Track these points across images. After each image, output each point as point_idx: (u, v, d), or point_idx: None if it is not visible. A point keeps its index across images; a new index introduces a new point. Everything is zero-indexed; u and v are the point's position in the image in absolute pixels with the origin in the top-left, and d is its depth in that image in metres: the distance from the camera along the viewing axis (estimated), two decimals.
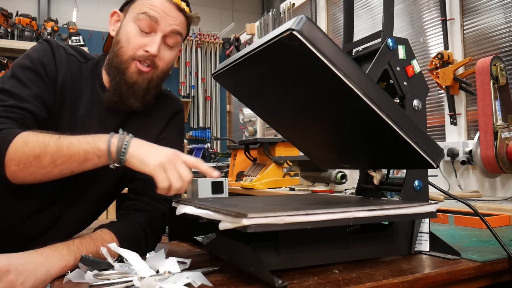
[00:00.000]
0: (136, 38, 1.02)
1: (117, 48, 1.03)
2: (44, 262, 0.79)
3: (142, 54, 1.02)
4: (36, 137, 0.85)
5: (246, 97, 1.06)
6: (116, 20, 1.10)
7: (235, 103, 6.02)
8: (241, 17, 8.91)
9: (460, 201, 0.97)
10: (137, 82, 1.03)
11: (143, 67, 1.03)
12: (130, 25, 1.03)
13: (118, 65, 1.03)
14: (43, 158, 0.83)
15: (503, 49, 2.15)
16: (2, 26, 4.51)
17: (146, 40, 1.02)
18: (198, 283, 0.69)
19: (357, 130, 0.88)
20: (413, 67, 0.90)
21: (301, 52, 0.70)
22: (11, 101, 0.93)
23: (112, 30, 1.09)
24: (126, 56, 1.02)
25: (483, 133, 1.62)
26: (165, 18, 1.02)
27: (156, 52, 1.01)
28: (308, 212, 0.69)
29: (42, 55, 1.01)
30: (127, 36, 1.03)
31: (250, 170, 3.10)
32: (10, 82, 0.96)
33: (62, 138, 0.85)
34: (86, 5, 8.31)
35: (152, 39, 1.02)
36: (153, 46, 1.01)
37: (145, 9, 1.01)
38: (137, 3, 1.04)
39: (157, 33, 1.02)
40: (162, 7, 1.02)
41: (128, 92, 1.03)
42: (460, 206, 1.44)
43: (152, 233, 1.01)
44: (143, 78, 1.03)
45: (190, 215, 0.80)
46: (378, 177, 0.98)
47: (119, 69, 1.03)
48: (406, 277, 0.73)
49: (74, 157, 0.84)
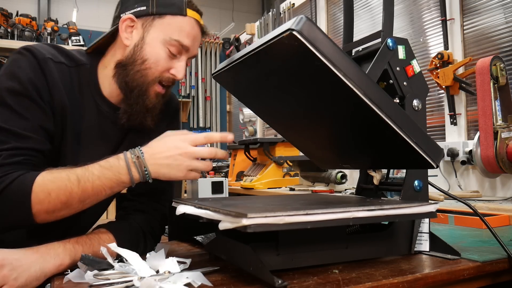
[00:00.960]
0: (165, 61, 0.98)
1: (144, 67, 0.97)
2: (38, 260, 0.79)
3: (168, 77, 1.00)
4: (56, 183, 0.83)
5: (246, 97, 1.07)
6: (129, 26, 0.99)
7: (235, 103, 6.01)
8: (241, 17, 8.90)
9: (460, 201, 0.97)
10: (155, 105, 1.01)
11: (162, 90, 1.01)
12: (159, 47, 0.97)
13: (141, 86, 0.98)
14: (71, 204, 0.85)
15: (503, 49, 2.15)
16: (2, 26, 4.51)
17: (173, 63, 0.99)
18: (198, 283, 0.69)
19: (357, 130, 0.88)
20: (413, 67, 0.90)
21: (301, 52, 0.70)
22: (12, 143, 0.86)
23: (126, 39, 0.99)
24: (152, 77, 0.98)
25: (483, 133, 1.62)
26: (194, 44, 1.01)
27: (183, 77, 1.00)
28: (308, 212, 0.69)
29: (32, 75, 0.90)
30: (156, 58, 0.97)
31: (250, 170, 3.10)
32: (2, 113, 0.87)
33: (83, 180, 0.84)
34: (86, 5, 8.31)
35: (179, 63, 1.00)
36: (181, 73, 1.00)
37: (178, 36, 0.97)
38: (167, 22, 0.97)
39: (183, 57, 1.01)
40: (193, 33, 1.00)
41: (146, 115, 1.01)
42: (460, 206, 1.44)
43: (151, 233, 1.01)
44: (159, 100, 1.02)
45: (190, 215, 0.80)
46: (378, 177, 0.98)
47: (140, 91, 0.98)
48: (406, 277, 0.73)
49: (100, 194, 0.86)
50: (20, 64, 0.91)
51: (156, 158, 0.87)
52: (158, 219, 1.04)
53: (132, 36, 0.99)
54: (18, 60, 0.93)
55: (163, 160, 0.87)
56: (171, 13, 0.97)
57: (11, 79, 0.90)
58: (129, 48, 0.99)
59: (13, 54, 0.95)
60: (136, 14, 0.99)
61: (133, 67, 0.98)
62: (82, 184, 0.84)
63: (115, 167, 0.86)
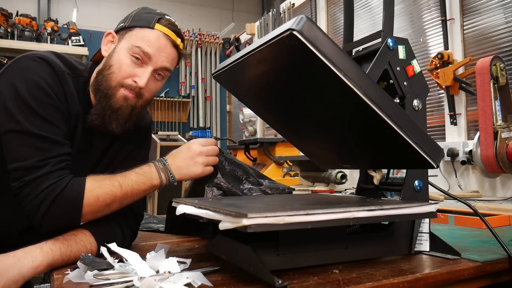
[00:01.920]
0: (127, 67, 1.03)
1: (108, 72, 1.04)
2: (16, 264, 0.81)
3: (130, 84, 1.03)
4: (103, 188, 0.94)
5: (246, 97, 1.07)
6: (110, 41, 1.09)
7: (235, 103, 6.02)
8: (241, 17, 8.91)
9: (460, 201, 0.97)
10: (121, 108, 1.04)
11: (129, 94, 1.04)
12: (123, 53, 1.03)
13: (106, 89, 1.03)
14: (113, 205, 0.97)
15: (503, 49, 2.15)
16: (2, 26, 4.51)
17: (136, 71, 1.03)
18: (198, 283, 0.69)
19: (357, 130, 0.88)
20: (413, 67, 0.90)
21: (301, 52, 0.70)
22: (56, 151, 0.93)
23: (104, 50, 1.09)
24: (115, 82, 1.03)
25: (483, 133, 1.62)
26: (159, 54, 1.04)
27: (144, 85, 1.03)
28: (308, 212, 0.69)
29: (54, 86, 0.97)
30: (119, 63, 1.03)
31: None
32: (36, 121, 0.92)
33: (124, 186, 0.97)
34: (86, 5, 8.31)
35: (143, 71, 1.03)
36: (143, 80, 1.03)
37: (141, 43, 1.02)
38: (134, 33, 1.04)
39: (148, 67, 1.03)
40: (157, 44, 1.03)
41: (111, 117, 1.04)
42: (460, 206, 1.44)
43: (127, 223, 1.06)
44: (127, 104, 1.05)
45: (190, 215, 0.80)
46: (378, 177, 0.98)
47: (106, 94, 1.03)
48: (406, 277, 0.73)
49: (136, 196, 1.00)
50: (40, 74, 0.95)
51: (176, 162, 1.05)
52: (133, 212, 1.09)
53: (109, 48, 1.08)
54: (35, 68, 0.96)
55: (182, 162, 1.06)
56: (140, 26, 1.04)
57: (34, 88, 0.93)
58: (105, 58, 1.07)
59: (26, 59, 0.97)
60: (116, 30, 1.09)
61: (102, 73, 1.05)
62: (123, 189, 0.97)
63: (147, 173, 1.01)
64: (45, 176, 0.89)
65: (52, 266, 0.85)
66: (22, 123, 0.91)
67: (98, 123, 1.04)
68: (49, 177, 0.89)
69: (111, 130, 1.05)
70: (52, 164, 0.91)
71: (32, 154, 0.90)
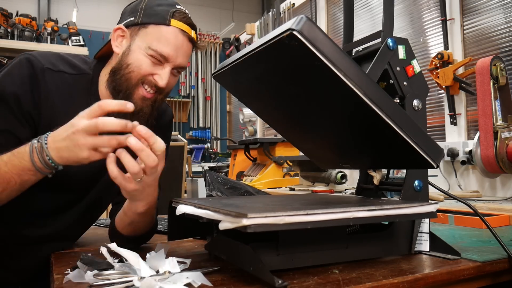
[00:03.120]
0: (147, 66, 1.00)
1: (127, 71, 1.01)
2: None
3: (150, 81, 1.01)
4: None
5: (246, 97, 1.07)
6: (120, 36, 1.04)
7: (235, 103, 6.02)
8: (241, 17, 8.91)
9: (460, 201, 0.97)
10: (142, 109, 1.02)
11: (148, 94, 1.02)
12: (142, 54, 1.00)
13: (125, 89, 1.01)
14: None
15: (503, 49, 2.15)
16: (2, 26, 4.51)
17: (156, 70, 1.01)
18: (198, 283, 0.69)
19: (357, 130, 0.88)
20: (413, 67, 0.90)
21: (301, 52, 0.70)
22: None
23: (116, 47, 1.04)
24: (135, 80, 1.00)
25: (483, 133, 1.62)
26: (177, 53, 1.01)
27: (165, 85, 1.01)
28: (308, 212, 0.69)
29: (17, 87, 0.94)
30: (139, 62, 1.00)
31: (250, 170, 3.11)
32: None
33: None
34: (86, 5, 8.30)
35: (163, 71, 1.01)
36: (163, 80, 1.01)
37: (158, 45, 0.99)
38: (150, 31, 1.00)
39: (167, 66, 1.01)
40: (175, 42, 1.00)
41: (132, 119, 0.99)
42: (460, 206, 1.44)
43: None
44: (147, 104, 1.02)
45: (190, 215, 0.80)
46: (378, 177, 0.98)
47: (125, 94, 1.00)
48: (406, 277, 0.73)
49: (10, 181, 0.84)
50: (13, 72, 0.96)
51: (56, 141, 0.81)
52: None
53: (122, 45, 1.04)
54: (14, 67, 0.97)
55: (61, 142, 0.80)
56: (154, 23, 1.00)
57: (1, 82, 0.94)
58: (119, 56, 1.03)
59: (14, 59, 0.98)
60: (126, 25, 1.03)
61: (120, 72, 1.01)
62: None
63: (20, 153, 0.83)
64: None
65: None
66: None
67: None
68: None
69: None
70: None
71: None
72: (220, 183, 1.14)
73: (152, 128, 1.05)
